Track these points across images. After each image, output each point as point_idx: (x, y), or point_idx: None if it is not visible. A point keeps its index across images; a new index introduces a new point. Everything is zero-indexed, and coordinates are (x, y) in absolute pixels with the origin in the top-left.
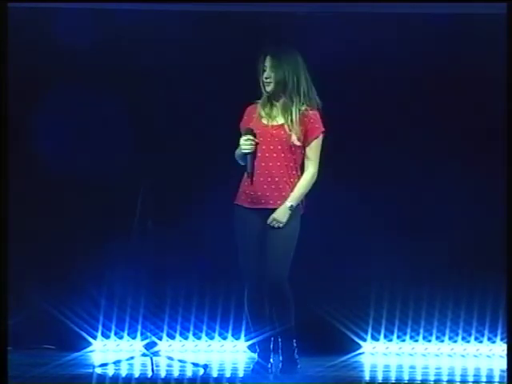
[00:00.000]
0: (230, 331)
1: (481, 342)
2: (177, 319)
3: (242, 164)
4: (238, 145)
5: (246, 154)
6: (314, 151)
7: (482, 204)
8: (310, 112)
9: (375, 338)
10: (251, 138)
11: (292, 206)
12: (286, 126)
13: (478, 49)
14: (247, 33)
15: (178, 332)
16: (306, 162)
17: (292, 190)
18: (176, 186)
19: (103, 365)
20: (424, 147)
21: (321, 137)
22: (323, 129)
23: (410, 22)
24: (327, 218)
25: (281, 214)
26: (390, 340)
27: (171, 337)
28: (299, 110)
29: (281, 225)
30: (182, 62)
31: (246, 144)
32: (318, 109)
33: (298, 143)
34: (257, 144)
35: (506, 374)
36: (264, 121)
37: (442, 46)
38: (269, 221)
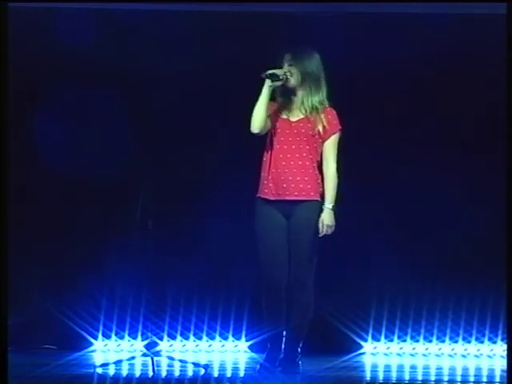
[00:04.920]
0: (231, 331)
1: (482, 342)
2: (178, 319)
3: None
4: (240, 143)
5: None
6: (332, 147)
7: (483, 204)
8: (328, 109)
9: (376, 338)
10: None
11: (334, 206)
12: (306, 120)
13: (477, 49)
14: (248, 33)
15: (178, 332)
16: (326, 158)
17: (317, 187)
18: (177, 185)
19: (104, 365)
20: (424, 147)
21: (338, 134)
22: (340, 126)
23: (410, 22)
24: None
25: (329, 219)
26: (391, 340)
27: (172, 337)
28: (321, 105)
29: (333, 228)
30: (183, 62)
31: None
32: (333, 108)
33: (322, 133)
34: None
35: (506, 374)
36: (283, 115)
37: (442, 46)
38: (323, 230)
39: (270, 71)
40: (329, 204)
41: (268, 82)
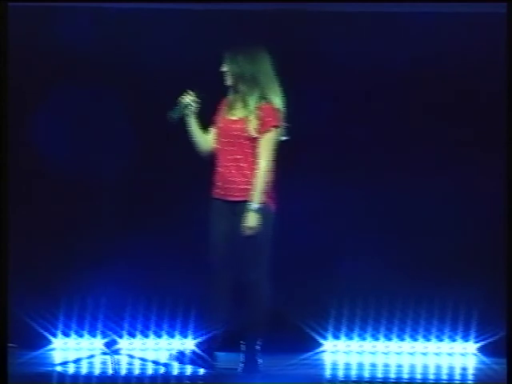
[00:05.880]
0: (192, 329)
1: (441, 340)
2: (137, 317)
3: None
4: None
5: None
6: (264, 144)
7: (456, 204)
8: (264, 106)
9: (336, 337)
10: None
11: (256, 207)
12: (243, 120)
13: (477, 48)
14: (249, 33)
15: (138, 330)
16: (258, 156)
17: (251, 187)
18: (142, 185)
19: (64, 363)
20: (423, 147)
21: (273, 131)
22: (276, 123)
23: (410, 22)
24: (290, 216)
25: (251, 221)
26: (351, 338)
27: (132, 335)
28: (257, 103)
29: (255, 230)
30: (183, 62)
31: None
32: (273, 106)
33: (255, 135)
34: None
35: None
36: (227, 114)
37: (441, 46)
38: (244, 230)
39: (173, 111)
40: (253, 205)
41: (185, 114)
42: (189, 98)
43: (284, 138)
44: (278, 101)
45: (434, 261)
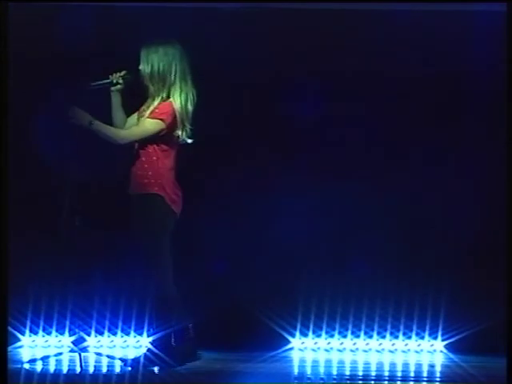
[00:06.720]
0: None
1: (409, 337)
2: (105, 315)
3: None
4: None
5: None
6: (138, 126)
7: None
8: (164, 103)
9: (304, 334)
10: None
11: (89, 121)
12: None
13: (477, 47)
14: (250, 32)
15: (106, 328)
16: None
17: (148, 181)
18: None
19: (32, 361)
20: (423, 146)
21: (152, 120)
22: (161, 117)
23: (409, 20)
24: (253, 214)
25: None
26: (319, 336)
27: (100, 333)
28: (160, 102)
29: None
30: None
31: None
32: (171, 104)
33: None
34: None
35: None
36: (142, 111)
37: (440, 45)
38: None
39: (96, 83)
40: (93, 122)
41: (111, 90)
42: (116, 77)
43: (189, 141)
44: (180, 100)
45: (401, 258)
